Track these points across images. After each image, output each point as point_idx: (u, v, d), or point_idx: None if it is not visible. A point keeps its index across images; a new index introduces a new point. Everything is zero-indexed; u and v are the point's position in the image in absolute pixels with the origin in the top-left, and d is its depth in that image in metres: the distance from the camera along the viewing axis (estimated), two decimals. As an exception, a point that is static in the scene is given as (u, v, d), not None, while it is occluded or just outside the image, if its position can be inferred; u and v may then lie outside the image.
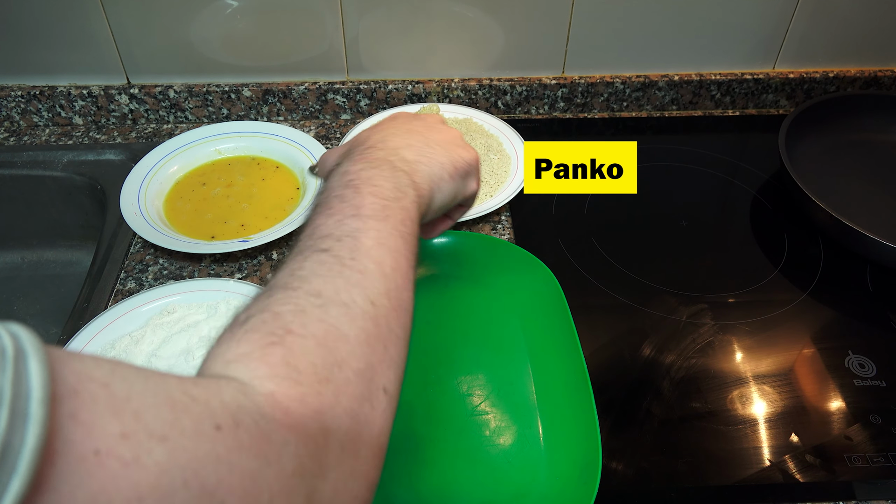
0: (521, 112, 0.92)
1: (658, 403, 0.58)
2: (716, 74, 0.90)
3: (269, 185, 0.78)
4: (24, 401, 0.19)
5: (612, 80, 0.89)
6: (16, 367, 0.19)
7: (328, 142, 0.86)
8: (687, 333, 0.64)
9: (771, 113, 0.93)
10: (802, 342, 0.64)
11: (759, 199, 0.80)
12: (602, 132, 0.90)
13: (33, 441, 0.18)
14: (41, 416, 0.19)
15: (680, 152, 0.86)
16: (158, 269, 0.70)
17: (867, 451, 0.55)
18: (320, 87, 0.87)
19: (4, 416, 0.18)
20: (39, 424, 0.19)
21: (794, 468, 0.54)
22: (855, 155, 0.83)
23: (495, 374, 0.59)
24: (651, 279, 0.69)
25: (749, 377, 0.60)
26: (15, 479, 0.18)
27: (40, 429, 0.19)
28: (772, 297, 0.68)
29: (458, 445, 0.54)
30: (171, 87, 0.86)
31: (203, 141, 0.81)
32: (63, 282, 0.85)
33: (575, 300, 0.60)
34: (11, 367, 0.19)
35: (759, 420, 0.57)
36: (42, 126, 0.89)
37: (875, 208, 0.77)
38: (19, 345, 0.20)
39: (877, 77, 0.91)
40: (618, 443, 0.55)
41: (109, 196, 0.77)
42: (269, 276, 0.68)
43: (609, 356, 0.62)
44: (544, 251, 0.68)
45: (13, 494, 0.18)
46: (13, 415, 0.18)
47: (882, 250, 0.66)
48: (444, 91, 0.89)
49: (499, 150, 0.81)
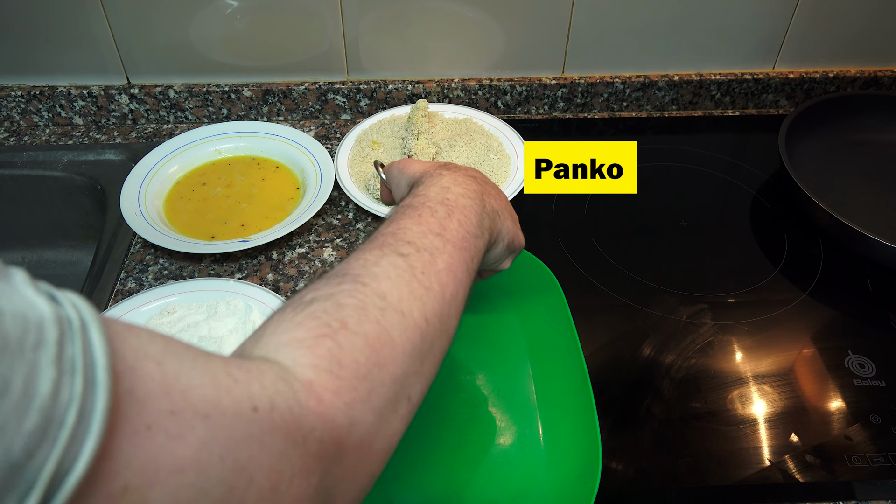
0: (521, 112, 0.92)
1: (658, 403, 0.58)
2: (716, 74, 0.90)
3: (269, 185, 0.78)
4: (92, 368, 0.21)
5: (612, 80, 0.89)
6: (83, 338, 0.21)
7: (328, 142, 0.86)
8: (687, 333, 0.64)
9: (771, 113, 0.93)
10: (802, 342, 0.64)
11: (759, 199, 0.80)
12: (602, 132, 0.90)
13: (102, 405, 0.20)
14: (107, 383, 0.21)
15: (680, 152, 0.86)
16: (158, 269, 0.70)
17: (867, 451, 0.55)
18: (320, 87, 0.87)
19: (79, 383, 0.20)
20: (106, 390, 0.21)
21: (794, 468, 0.54)
22: (855, 155, 0.83)
23: (495, 374, 0.59)
24: (651, 279, 0.69)
25: (749, 377, 0.60)
26: (89, 440, 0.20)
27: (107, 394, 0.21)
28: (772, 297, 0.68)
29: (459, 445, 0.54)
30: (171, 87, 0.86)
31: (203, 141, 0.81)
32: (63, 282, 0.85)
33: (575, 300, 0.60)
34: (80, 336, 0.21)
35: (759, 420, 0.57)
36: (42, 126, 0.89)
37: (875, 208, 0.77)
38: (81, 315, 0.21)
39: (877, 77, 0.91)
40: (618, 443, 0.55)
41: (109, 196, 0.77)
42: (269, 276, 0.68)
43: (609, 356, 0.62)
44: (544, 251, 0.68)
45: (88, 453, 0.20)
46: (86, 381, 0.20)
47: (882, 250, 0.66)
48: (444, 91, 0.89)
49: (499, 150, 0.81)
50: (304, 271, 0.69)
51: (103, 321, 0.22)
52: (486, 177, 0.51)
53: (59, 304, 0.22)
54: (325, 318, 0.32)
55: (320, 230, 0.74)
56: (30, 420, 0.18)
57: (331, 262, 0.70)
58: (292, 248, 0.72)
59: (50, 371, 0.19)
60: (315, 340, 0.31)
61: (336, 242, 0.72)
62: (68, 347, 0.20)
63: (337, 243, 0.72)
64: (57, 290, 0.22)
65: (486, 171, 0.77)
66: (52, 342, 0.20)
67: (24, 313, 0.20)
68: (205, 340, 0.58)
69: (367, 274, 0.36)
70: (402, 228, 0.40)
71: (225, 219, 0.73)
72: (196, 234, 0.71)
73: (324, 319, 0.32)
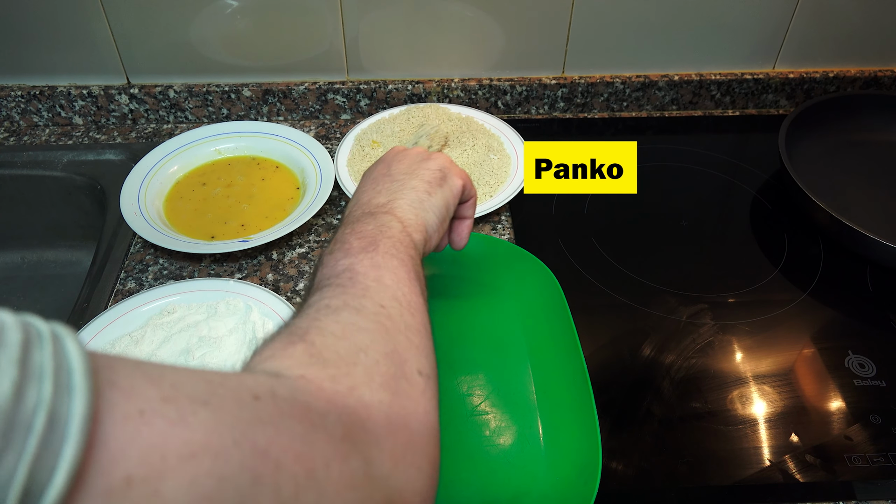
0: (521, 112, 0.92)
1: (658, 403, 0.58)
2: (716, 74, 0.90)
3: (269, 185, 0.78)
4: (67, 374, 0.20)
5: (612, 80, 0.89)
6: (54, 346, 0.20)
7: (328, 142, 0.86)
8: (687, 333, 0.64)
9: (771, 113, 0.93)
10: (802, 342, 0.64)
11: (759, 199, 0.80)
12: (602, 132, 0.90)
13: (81, 409, 0.19)
14: (86, 387, 0.20)
15: (680, 152, 0.86)
16: (158, 269, 0.70)
17: (867, 451, 0.55)
18: (320, 87, 0.87)
19: (49, 387, 0.19)
20: (85, 393, 0.20)
21: (794, 468, 0.54)
22: (855, 155, 0.83)
23: (495, 374, 0.59)
24: (651, 279, 0.69)
25: (749, 377, 0.60)
26: (67, 445, 0.19)
27: (87, 397, 0.20)
28: (772, 297, 0.68)
29: (458, 445, 0.54)
30: (171, 87, 0.86)
31: (203, 141, 0.81)
32: (63, 282, 0.85)
33: (575, 300, 0.60)
34: (50, 344, 0.20)
35: (759, 420, 0.57)
36: (42, 126, 0.89)
37: (875, 208, 0.77)
38: (54, 330, 0.21)
39: (877, 77, 0.91)
40: (618, 443, 0.55)
41: (109, 196, 0.77)
42: (269, 276, 0.68)
43: (609, 356, 0.62)
44: (544, 251, 0.68)
45: (68, 458, 0.19)
46: (57, 386, 0.19)
47: (882, 250, 0.66)
48: (444, 91, 0.89)
49: (499, 150, 0.81)
50: (304, 271, 0.69)
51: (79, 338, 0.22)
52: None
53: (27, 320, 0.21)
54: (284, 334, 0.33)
55: (320, 230, 0.74)
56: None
57: (331, 262, 0.70)
58: (292, 248, 0.72)
59: (11, 371, 0.18)
60: (285, 350, 0.31)
61: (336, 242, 0.72)
62: (35, 353, 0.19)
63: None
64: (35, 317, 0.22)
65: (486, 171, 0.77)
66: (14, 343, 0.19)
67: None
68: (205, 340, 0.58)
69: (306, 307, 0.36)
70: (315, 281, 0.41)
71: (225, 219, 0.73)
72: (196, 234, 0.71)
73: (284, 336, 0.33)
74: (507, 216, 0.76)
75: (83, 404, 0.19)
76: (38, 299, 0.84)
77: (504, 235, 0.74)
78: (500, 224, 0.75)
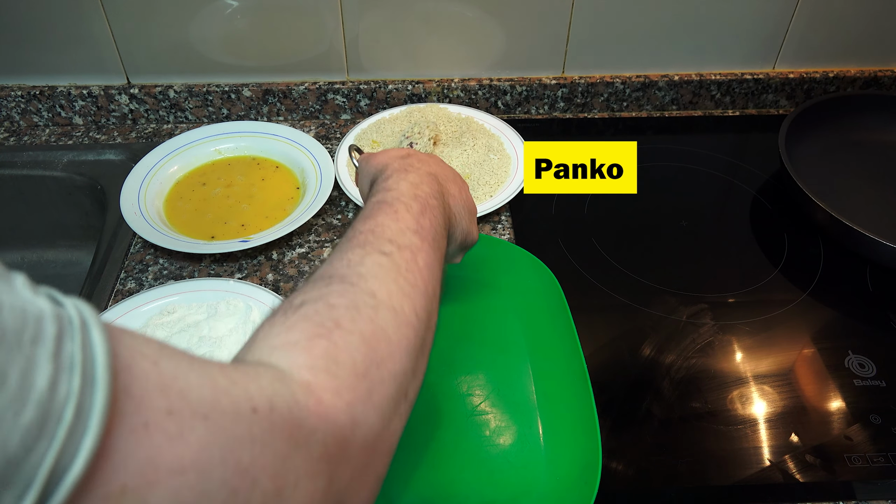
0: (521, 112, 0.92)
1: (658, 403, 0.58)
2: (716, 74, 0.90)
3: (269, 185, 0.78)
4: (91, 366, 0.21)
5: (612, 80, 0.89)
6: (83, 335, 0.21)
7: (328, 142, 0.86)
8: (687, 333, 0.64)
9: (771, 113, 0.93)
10: (802, 342, 0.64)
11: (759, 199, 0.80)
12: (602, 132, 0.90)
13: (101, 402, 0.20)
14: (107, 380, 0.21)
15: (680, 152, 0.86)
16: (158, 269, 0.70)
17: (867, 451, 0.55)
18: (320, 87, 0.87)
19: (77, 380, 0.20)
20: (106, 388, 0.20)
21: (794, 468, 0.54)
22: (855, 155, 0.83)
23: (495, 374, 0.59)
24: (651, 279, 0.69)
25: (749, 377, 0.60)
26: (87, 437, 0.20)
27: (107, 391, 0.20)
28: (772, 297, 0.68)
29: (458, 445, 0.54)
30: (171, 87, 0.86)
31: (203, 141, 0.81)
32: (63, 282, 0.85)
33: (575, 300, 0.60)
34: (80, 334, 0.21)
35: (759, 420, 0.57)
36: (42, 126, 0.89)
37: (875, 208, 0.77)
38: (82, 315, 0.22)
39: (877, 77, 0.91)
40: (618, 443, 0.55)
41: (109, 196, 0.77)
42: (269, 276, 0.68)
43: (609, 356, 0.62)
44: (544, 251, 0.68)
45: (86, 450, 0.19)
46: (84, 378, 0.20)
47: (882, 250, 0.66)
48: (444, 91, 0.89)
49: (499, 150, 0.81)
50: (304, 271, 0.69)
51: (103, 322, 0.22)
52: (447, 170, 0.51)
53: (61, 304, 0.22)
54: (317, 318, 0.32)
55: (320, 230, 0.74)
56: (27, 414, 0.18)
57: (331, 262, 0.70)
58: (292, 248, 0.72)
59: (47, 366, 0.19)
60: (309, 341, 0.31)
61: (336, 242, 0.72)
62: (67, 344, 0.20)
63: (337, 243, 0.72)
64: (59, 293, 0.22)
65: (486, 171, 0.77)
66: (51, 338, 0.20)
67: (24, 308, 0.20)
68: (205, 340, 0.58)
69: (354, 274, 0.35)
70: (380, 225, 0.40)
71: (225, 219, 0.73)
72: (196, 234, 0.71)
73: (316, 320, 0.32)
74: (507, 216, 0.76)
75: (103, 398, 0.20)
76: (38, 299, 0.84)
77: (504, 235, 0.74)
78: (500, 224, 0.75)
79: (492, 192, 0.75)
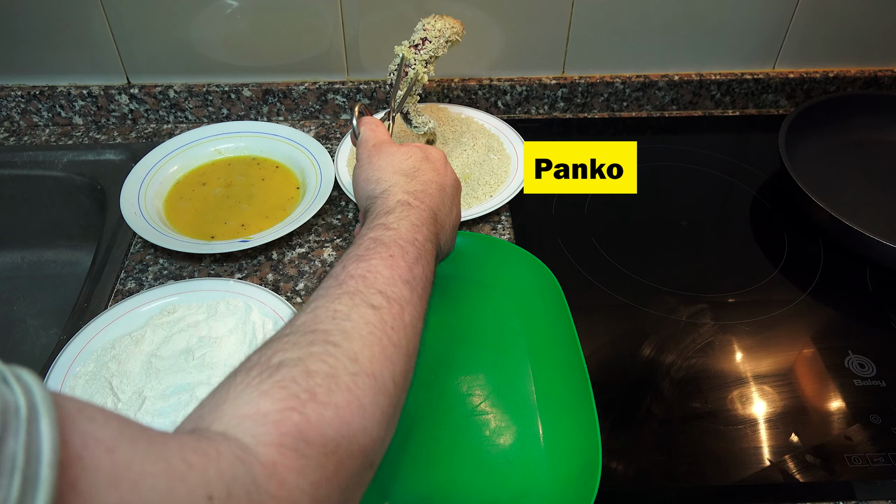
0: (521, 112, 0.92)
1: (658, 403, 0.58)
2: (716, 74, 0.90)
3: (269, 185, 0.78)
4: (35, 464, 0.19)
5: (612, 80, 0.89)
6: (28, 430, 0.19)
7: (328, 142, 0.86)
8: (687, 333, 0.64)
9: (771, 113, 0.93)
10: (802, 342, 0.64)
11: (759, 199, 0.80)
12: (602, 132, 0.90)
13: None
14: (51, 481, 0.19)
15: (680, 152, 0.86)
16: (158, 269, 0.70)
17: (867, 451, 0.55)
18: (320, 87, 0.87)
19: (17, 483, 0.18)
20: (49, 489, 0.19)
21: (794, 468, 0.54)
22: (855, 155, 0.83)
23: (495, 374, 0.59)
24: (651, 279, 0.69)
25: (749, 377, 0.60)
26: None
27: (50, 493, 0.19)
28: (772, 297, 0.68)
29: (458, 445, 0.54)
30: (171, 87, 0.86)
31: (203, 141, 0.81)
32: (63, 282, 0.85)
33: (575, 300, 0.60)
34: (24, 429, 0.19)
35: (759, 420, 0.57)
36: (42, 126, 0.89)
37: (875, 208, 0.77)
38: (32, 401, 0.20)
39: (877, 77, 0.91)
40: (618, 443, 0.55)
41: (109, 196, 0.77)
42: (269, 276, 0.68)
43: (609, 356, 0.62)
44: (544, 251, 0.68)
45: None
46: (25, 480, 0.19)
47: (882, 250, 0.66)
48: (444, 91, 0.89)
49: (499, 150, 0.81)
50: (304, 271, 0.69)
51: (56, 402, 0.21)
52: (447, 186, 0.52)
53: (9, 386, 0.20)
54: (293, 388, 0.31)
55: (320, 230, 0.74)
56: None
57: (330, 262, 0.70)
58: (292, 248, 0.72)
59: None
60: (281, 413, 0.30)
61: (336, 242, 0.72)
62: (10, 442, 0.19)
63: (337, 243, 0.72)
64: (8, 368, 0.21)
65: (486, 171, 0.77)
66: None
67: None
68: (205, 340, 0.58)
69: (338, 331, 0.35)
70: (373, 271, 0.39)
71: (225, 219, 0.73)
72: (196, 234, 0.71)
73: (292, 390, 0.31)
74: (507, 216, 0.76)
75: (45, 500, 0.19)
76: (38, 299, 0.84)
77: (504, 235, 0.74)
78: (500, 224, 0.75)
79: (492, 192, 0.75)
